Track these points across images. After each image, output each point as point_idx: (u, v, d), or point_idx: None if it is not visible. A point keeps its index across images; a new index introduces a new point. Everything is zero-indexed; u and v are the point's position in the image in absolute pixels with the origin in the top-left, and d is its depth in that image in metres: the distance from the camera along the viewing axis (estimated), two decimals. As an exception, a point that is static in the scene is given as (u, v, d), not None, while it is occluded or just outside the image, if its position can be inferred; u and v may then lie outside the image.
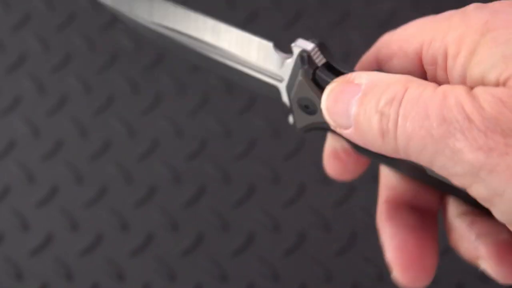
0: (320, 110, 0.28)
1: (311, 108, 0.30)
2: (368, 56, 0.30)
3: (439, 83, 0.26)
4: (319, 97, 0.28)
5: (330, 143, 0.33)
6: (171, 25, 0.33)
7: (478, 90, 0.24)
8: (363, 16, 0.53)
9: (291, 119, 0.32)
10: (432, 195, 0.32)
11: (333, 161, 0.33)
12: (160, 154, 0.50)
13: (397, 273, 0.30)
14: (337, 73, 0.29)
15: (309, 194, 0.49)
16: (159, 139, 0.51)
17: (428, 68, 0.27)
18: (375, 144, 0.26)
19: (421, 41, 0.27)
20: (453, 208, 0.31)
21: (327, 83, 0.28)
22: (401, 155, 0.25)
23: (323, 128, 0.30)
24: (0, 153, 0.50)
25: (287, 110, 0.32)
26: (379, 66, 0.30)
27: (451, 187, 0.29)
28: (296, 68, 0.29)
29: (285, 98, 0.31)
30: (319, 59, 0.29)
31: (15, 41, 0.53)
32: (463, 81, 0.25)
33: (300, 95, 0.30)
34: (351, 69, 0.29)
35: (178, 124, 0.51)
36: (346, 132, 0.27)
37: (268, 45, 0.31)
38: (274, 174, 0.50)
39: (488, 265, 0.29)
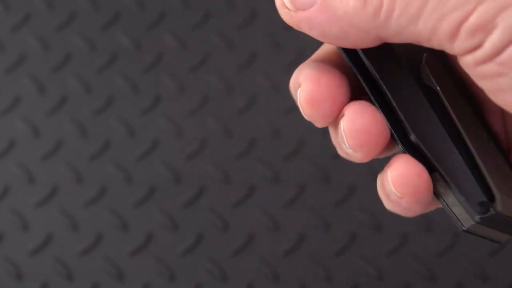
0: None
1: None
2: None
3: None
4: None
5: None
6: None
7: None
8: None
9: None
10: None
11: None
12: (160, 154, 0.50)
13: (304, 104, 0.28)
14: None
15: (309, 194, 0.49)
16: (159, 139, 0.51)
17: None
18: (348, 17, 0.24)
19: None
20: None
21: None
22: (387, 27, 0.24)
23: None
24: (0, 153, 0.50)
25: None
26: None
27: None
28: None
29: None
30: None
31: (15, 41, 0.53)
32: None
33: None
34: None
35: (178, 124, 0.51)
36: (305, 15, 0.25)
37: None
38: (274, 174, 0.50)
39: None
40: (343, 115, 0.28)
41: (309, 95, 0.27)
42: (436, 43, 0.24)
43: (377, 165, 0.49)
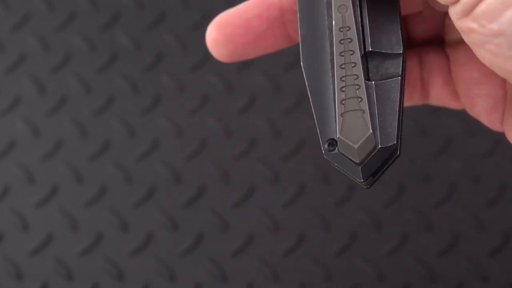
0: None
1: None
2: None
3: None
4: None
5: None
6: None
7: None
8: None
9: None
10: None
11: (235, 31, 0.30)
12: (160, 154, 0.50)
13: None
14: None
15: (309, 194, 0.49)
16: (159, 139, 0.51)
17: None
18: None
19: None
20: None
21: None
22: None
23: None
24: (0, 153, 0.50)
25: None
26: None
27: None
28: None
29: None
30: None
31: (15, 41, 0.53)
32: None
33: None
34: None
35: (178, 124, 0.51)
36: None
37: None
38: (274, 174, 0.50)
39: None
40: None
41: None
42: None
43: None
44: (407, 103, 0.31)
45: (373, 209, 0.49)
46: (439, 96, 0.31)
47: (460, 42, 0.30)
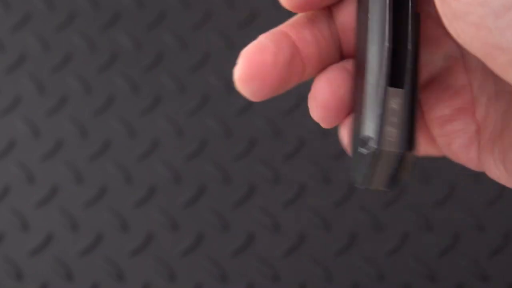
0: None
1: None
2: None
3: None
4: None
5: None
6: None
7: None
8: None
9: None
10: None
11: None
12: (160, 154, 0.50)
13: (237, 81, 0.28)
14: None
15: (309, 194, 0.49)
16: (159, 139, 0.51)
17: None
18: None
19: None
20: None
21: None
22: None
23: None
24: (0, 153, 0.50)
25: None
26: None
27: None
28: None
29: None
30: None
31: (15, 41, 0.53)
32: None
33: None
34: None
35: (178, 124, 0.51)
36: None
37: None
38: (274, 174, 0.50)
39: None
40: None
41: (240, 73, 0.27)
42: None
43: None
44: None
45: (373, 209, 0.49)
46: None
47: (428, 83, 0.29)
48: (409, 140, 0.26)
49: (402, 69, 0.26)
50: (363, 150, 0.26)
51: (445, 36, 0.29)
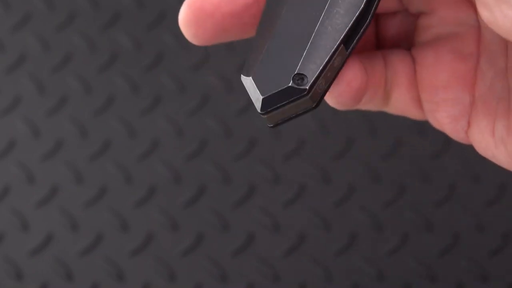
0: None
1: None
2: None
3: None
4: None
5: None
6: None
7: None
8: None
9: None
10: None
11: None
12: (160, 154, 0.50)
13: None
14: None
15: (309, 194, 0.49)
16: (159, 139, 0.51)
17: None
18: None
19: None
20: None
21: None
22: None
23: None
24: (0, 153, 0.50)
25: None
26: None
27: None
28: None
29: None
30: None
31: (15, 41, 0.53)
32: None
33: None
34: None
35: (178, 124, 0.51)
36: None
37: None
38: (274, 174, 0.50)
39: None
40: None
41: (180, 17, 0.27)
42: None
43: (377, 166, 0.50)
44: (366, 106, 0.29)
45: (373, 209, 0.49)
46: (400, 101, 0.29)
47: (430, 44, 0.28)
48: (322, 97, 0.27)
49: (355, 34, 0.27)
50: (293, 84, 0.26)
51: (464, 2, 0.28)
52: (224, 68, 0.52)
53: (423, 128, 0.50)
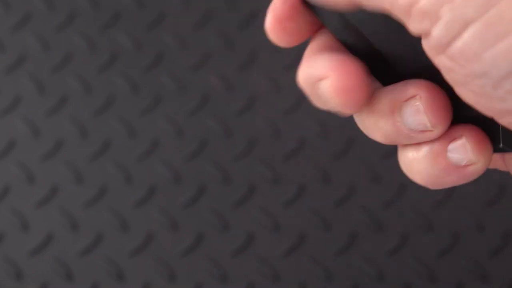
0: None
1: None
2: None
3: None
4: None
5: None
6: None
7: None
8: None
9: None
10: None
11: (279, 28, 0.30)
12: (160, 154, 0.50)
13: (335, 95, 0.28)
14: None
15: (309, 194, 0.49)
16: (159, 139, 0.51)
17: None
18: None
19: None
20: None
21: None
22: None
23: None
24: (0, 153, 0.50)
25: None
26: None
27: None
28: None
29: None
30: None
31: (15, 41, 0.53)
32: None
33: None
34: None
35: (178, 124, 0.51)
36: None
37: None
38: (274, 174, 0.50)
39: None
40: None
41: (340, 84, 0.27)
42: (396, 15, 0.23)
43: (377, 166, 0.50)
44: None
45: (373, 209, 0.49)
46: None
47: None
48: None
49: None
50: None
51: None
52: (224, 68, 0.52)
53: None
